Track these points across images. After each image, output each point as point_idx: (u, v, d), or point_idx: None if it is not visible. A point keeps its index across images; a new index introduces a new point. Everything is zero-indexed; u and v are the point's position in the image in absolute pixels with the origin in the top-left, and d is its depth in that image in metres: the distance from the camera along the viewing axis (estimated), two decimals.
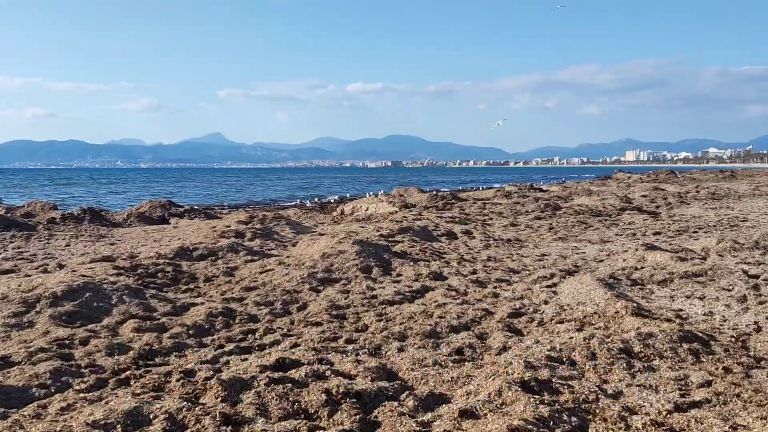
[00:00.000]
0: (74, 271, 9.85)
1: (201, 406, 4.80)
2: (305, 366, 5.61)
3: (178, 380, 5.42)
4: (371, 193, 36.71)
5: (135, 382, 5.54)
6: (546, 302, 8.29)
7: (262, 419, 4.64)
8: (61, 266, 11.09)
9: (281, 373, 5.42)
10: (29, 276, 9.49)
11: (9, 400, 5.21)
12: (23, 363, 6.07)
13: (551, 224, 18.34)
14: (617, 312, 7.26)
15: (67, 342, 6.76)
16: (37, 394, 5.37)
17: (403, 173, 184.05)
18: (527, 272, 10.78)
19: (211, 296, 9.23)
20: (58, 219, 20.81)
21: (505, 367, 5.36)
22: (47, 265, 11.46)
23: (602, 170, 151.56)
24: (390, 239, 13.80)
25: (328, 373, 5.45)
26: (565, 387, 4.99)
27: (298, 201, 37.98)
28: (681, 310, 7.92)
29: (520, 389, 4.82)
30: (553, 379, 5.12)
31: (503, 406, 4.63)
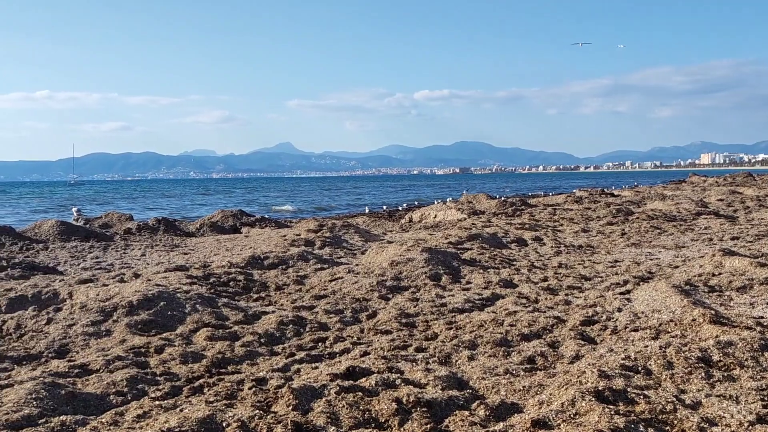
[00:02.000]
0: (149, 280, 10.06)
1: (273, 415, 4.83)
2: (375, 374, 5.60)
3: (250, 388, 5.47)
4: (439, 201, 36.62)
5: (208, 390, 5.62)
6: (619, 310, 8.11)
7: (333, 428, 4.65)
8: (137, 276, 11.35)
9: (351, 382, 5.42)
10: (107, 285, 9.73)
11: (88, 407, 5.34)
12: (101, 371, 6.22)
13: (624, 230, 17.99)
14: (694, 320, 7.05)
15: (143, 350, 6.90)
16: (114, 401, 5.49)
17: (472, 180, 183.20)
18: (599, 279, 10.58)
19: (281, 304, 9.32)
20: (133, 229, 21.35)
21: (579, 377, 5.24)
22: (124, 274, 11.73)
23: (676, 174, 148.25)
24: (459, 246, 13.73)
25: (398, 381, 5.42)
26: (641, 397, 4.85)
27: (367, 209, 38.12)
28: (762, 317, 7.64)
29: (594, 399, 4.71)
30: (629, 389, 4.99)
31: (577, 417, 4.54)
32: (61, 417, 4.97)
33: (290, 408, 4.93)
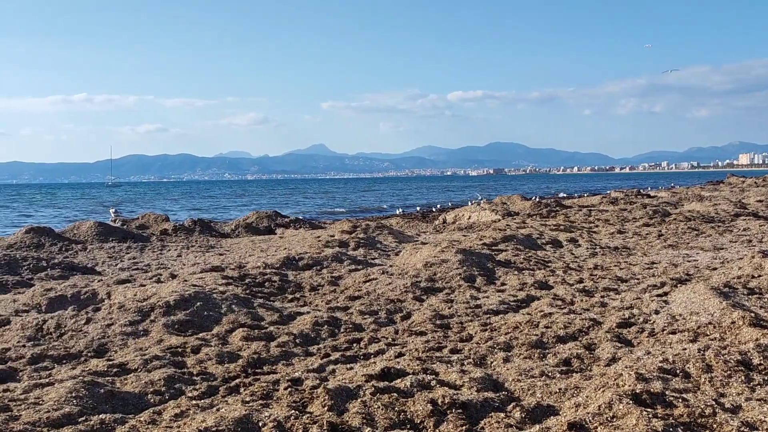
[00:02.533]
0: (186, 281, 10.16)
1: (308, 415, 4.85)
2: (410, 375, 5.60)
3: (285, 388, 5.51)
4: (473, 202, 36.50)
5: (244, 390, 5.66)
6: (657, 312, 8.01)
7: (369, 429, 4.65)
8: (173, 276, 11.46)
9: (387, 383, 5.42)
10: (144, 286, 9.84)
11: (126, 405, 5.41)
12: (139, 370, 6.29)
13: (660, 231, 17.78)
14: (734, 322, 6.95)
15: (180, 350, 6.97)
16: (152, 400, 5.55)
17: (505, 181, 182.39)
18: (636, 281, 10.47)
19: (316, 305, 9.35)
20: (170, 230, 21.55)
21: (615, 379, 5.19)
22: (160, 275, 11.86)
23: (713, 175, 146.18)
24: (493, 248, 13.68)
25: (433, 383, 5.42)
26: (680, 400, 4.79)
27: (400, 210, 38.13)
28: None
29: (631, 402, 4.66)
30: (667, 392, 4.93)
31: (614, 420, 4.49)
32: (101, 416, 5.04)
33: (326, 408, 4.95)
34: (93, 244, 18.12)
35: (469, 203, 34.60)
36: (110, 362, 6.57)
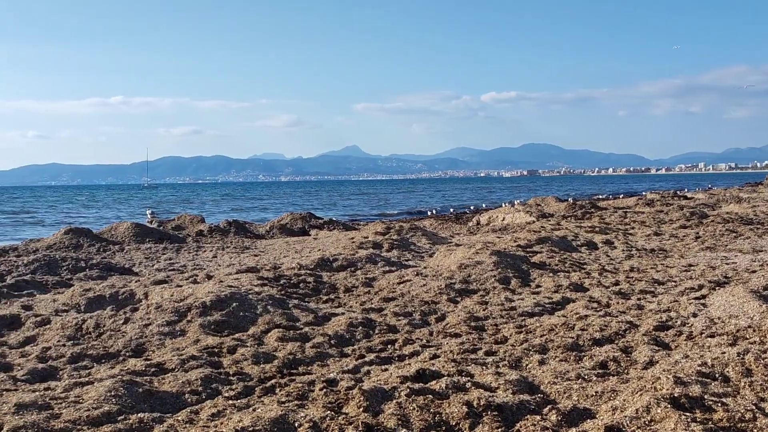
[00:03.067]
0: (221, 281, 10.24)
1: (344, 416, 4.87)
2: (445, 377, 5.59)
3: (321, 389, 5.53)
4: (507, 203, 36.34)
5: (280, 391, 5.69)
6: (695, 315, 7.91)
7: (404, 430, 4.66)
8: (209, 277, 11.56)
9: (422, 384, 5.42)
10: (180, 286, 9.93)
11: (164, 405, 5.47)
12: (176, 370, 6.36)
13: (698, 233, 17.56)
14: None
15: (216, 350, 7.03)
16: (189, 400, 5.60)
17: (540, 182, 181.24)
18: (673, 283, 10.35)
19: (351, 306, 9.38)
20: (205, 231, 21.74)
21: (653, 383, 5.14)
22: (196, 275, 11.96)
23: (752, 176, 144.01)
24: (528, 250, 13.61)
25: (468, 385, 5.41)
26: (719, 405, 4.73)
27: (434, 211, 38.08)
28: None
29: (669, 406, 4.61)
30: (706, 396, 4.86)
31: (652, 423, 4.45)
32: (139, 414, 5.10)
33: (361, 409, 4.96)
34: (130, 245, 18.34)
35: (503, 205, 34.45)
36: (148, 362, 6.65)
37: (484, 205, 43.58)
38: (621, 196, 48.00)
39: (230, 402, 5.42)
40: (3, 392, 5.73)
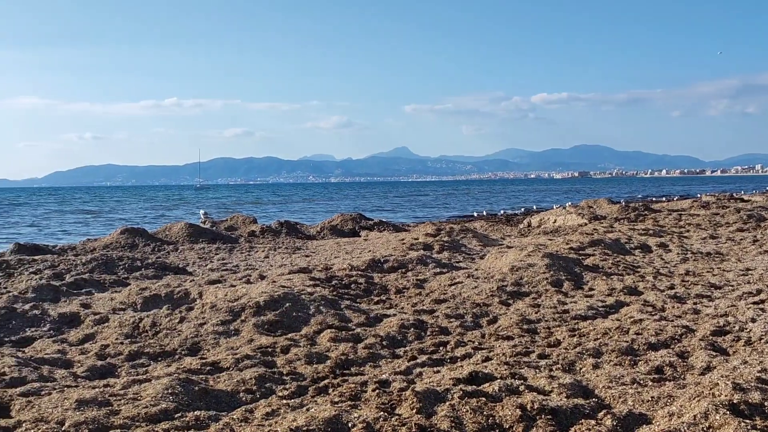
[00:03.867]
0: (274, 282, 10.34)
1: (397, 417, 4.88)
2: (498, 380, 5.58)
3: (373, 390, 5.55)
4: (558, 205, 36.00)
5: (333, 391, 5.74)
6: (753, 320, 7.75)
7: None
8: (262, 277, 11.68)
9: (474, 387, 5.41)
10: (234, 286, 10.06)
11: (219, 403, 5.55)
12: (231, 369, 6.45)
13: (755, 236, 17.18)
14: None
15: (270, 350, 7.11)
16: (243, 398, 5.68)
17: (591, 183, 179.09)
18: (730, 288, 10.15)
19: (402, 308, 9.39)
20: (257, 232, 21.97)
21: (711, 389, 5.05)
22: (249, 275, 12.10)
23: None
24: (580, 252, 13.47)
25: (521, 387, 5.38)
26: None
27: (484, 213, 37.91)
28: None
29: (728, 412, 4.53)
30: (766, 403, 4.77)
31: (710, 430, 4.38)
32: (195, 412, 5.19)
33: (414, 411, 4.97)
34: (184, 245, 18.63)
35: (554, 207, 34.14)
36: (203, 360, 6.76)
37: (534, 207, 43.24)
38: (675, 198, 47.21)
39: (284, 401, 5.48)
40: (64, 388, 5.87)
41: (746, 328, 7.41)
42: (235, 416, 5.15)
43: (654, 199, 51.64)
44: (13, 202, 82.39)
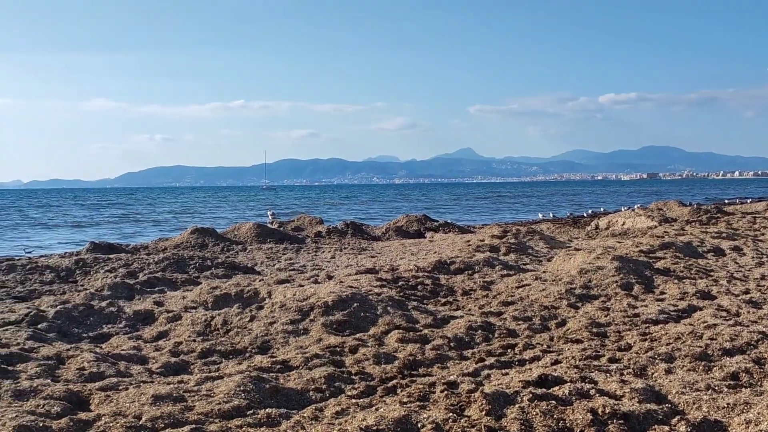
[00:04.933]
0: (342, 282, 10.43)
1: (466, 419, 4.88)
2: (568, 383, 5.52)
3: (442, 391, 5.56)
4: (627, 207, 35.38)
5: (401, 391, 5.76)
6: None
7: None
8: (329, 277, 11.79)
9: (544, 390, 5.37)
10: (302, 286, 10.19)
11: (289, 401, 5.63)
12: (300, 368, 6.53)
13: None
14: None
15: (338, 349, 7.18)
16: (313, 397, 5.75)
17: (660, 185, 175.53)
18: None
19: (469, 309, 9.37)
20: (323, 232, 22.18)
21: None
22: (317, 275, 12.23)
23: None
24: (651, 255, 13.23)
25: (592, 392, 5.32)
26: None
27: (551, 215, 37.52)
28: None
29: None
30: None
31: None
32: (267, 410, 5.27)
33: (483, 413, 4.96)
34: (252, 244, 18.93)
35: (623, 209, 33.57)
36: (273, 359, 6.86)
37: (602, 209, 42.59)
38: (749, 201, 45.94)
39: (353, 401, 5.53)
40: (140, 384, 6.04)
41: None
42: (305, 414, 5.22)
43: (727, 201, 50.36)
44: (111, 202, 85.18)
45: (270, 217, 27.95)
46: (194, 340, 7.76)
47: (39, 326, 8.29)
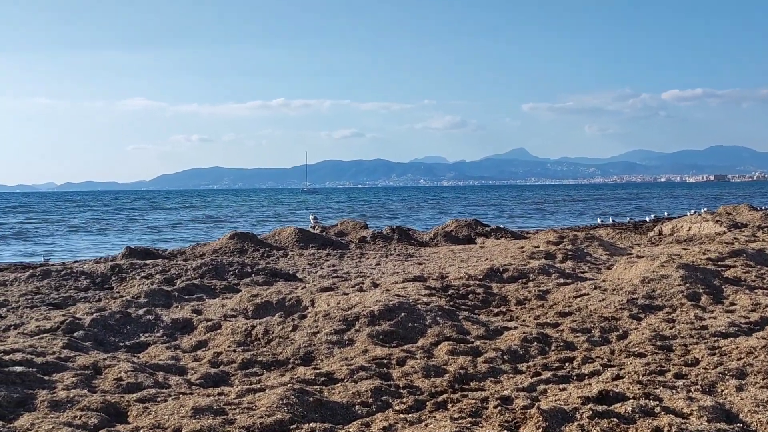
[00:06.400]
0: (388, 290, 10.46)
1: None
2: (631, 400, 5.47)
3: (495, 407, 5.54)
4: (692, 211, 34.89)
5: (452, 406, 5.76)
6: None
7: None
8: (375, 285, 11.83)
9: (605, 407, 5.33)
10: (347, 294, 10.23)
11: (335, 416, 5.67)
12: (345, 380, 6.57)
13: None
14: None
15: (385, 361, 7.20)
16: (359, 411, 5.77)
17: (729, 188, 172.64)
18: None
19: (524, 320, 9.34)
20: (368, 238, 22.27)
21: None
22: (362, 283, 12.28)
23: None
24: (719, 263, 13.03)
25: (657, 409, 5.26)
26: None
27: (610, 220, 37.14)
28: None
29: None
30: None
31: None
32: (311, 424, 5.31)
33: (540, 430, 4.94)
34: (293, 250, 19.08)
35: (688, 213, 33.11)
36: (317, 371, 6.90)
37: (666, 213, 42.06)
38: None
39: (401, 416, 5.54)
40: (179, 395, 6.12)
41: None
42: (351, 430, 5.25)
43: None
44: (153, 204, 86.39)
45: (312, 221, 28.14)
46: (234, 350, 7.85)
47: (75, 334, 8.46)
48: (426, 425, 5.19)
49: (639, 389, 5.87)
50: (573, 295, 10.62)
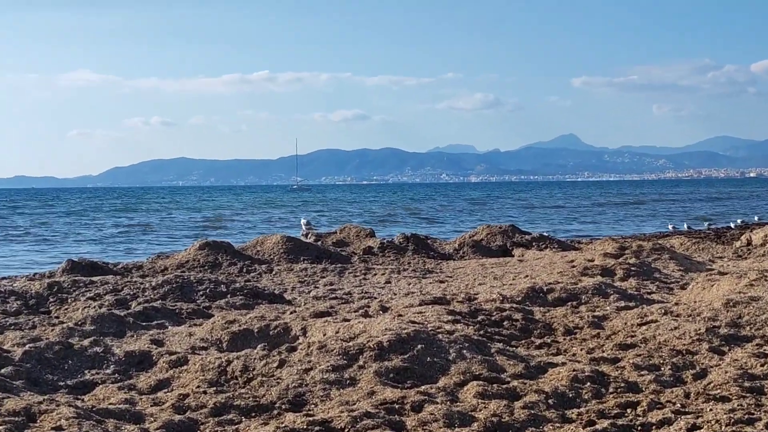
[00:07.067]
0: (401, 315, 10.48)
1: None
2: None
3: None
4: None
5: None
6: None
7: None
8: (384, 309, 11.84)
9: None
10: (348, 321, 10.24)
11: None
12: (346, 430, 6.58)
13: None
14: None
15: (397, 407, 7.21)
16: None
17: None
18: None
19: (574, 354, 9.34)
20: (375, 248, 22.30)
21: None
22: (368, 307, 12.30)
23: None
24: None
25: None
26: None
27: (685, 226, 37.09)
28: None
29: None
30: None
31: None
32: None
33: None
34: (280, 264, 19.13)
35: None
36: (310, 418, 6.92)
37: (756, 218, 41.99)
38: None
39: None
40: None
41: None
42: None
43: None
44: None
45: (304, 227, 28.16)
46: (205, 392, 7.86)
47: (2, 371, 8.49)
48: None
49: None
50: (637, 322, 10.61)
